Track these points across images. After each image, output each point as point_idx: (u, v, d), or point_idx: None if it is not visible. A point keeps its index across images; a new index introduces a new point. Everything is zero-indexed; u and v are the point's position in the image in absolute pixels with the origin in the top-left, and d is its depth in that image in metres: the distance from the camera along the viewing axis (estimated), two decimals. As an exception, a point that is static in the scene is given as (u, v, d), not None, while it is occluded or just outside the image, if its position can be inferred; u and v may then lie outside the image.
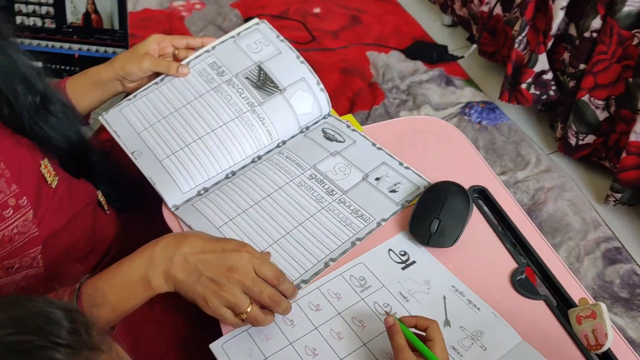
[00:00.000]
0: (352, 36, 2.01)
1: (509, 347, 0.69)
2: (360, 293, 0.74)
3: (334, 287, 0.74)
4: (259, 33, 0.96)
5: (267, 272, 0.67)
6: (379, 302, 0.73)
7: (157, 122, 0.87)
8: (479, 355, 0.68)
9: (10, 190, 0.71)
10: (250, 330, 0.70)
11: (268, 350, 0.68)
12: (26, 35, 1.39)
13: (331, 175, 0.87)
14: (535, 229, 0.84)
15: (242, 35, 0.96)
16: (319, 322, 0.71)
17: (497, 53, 1.74)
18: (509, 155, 1.57)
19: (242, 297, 0.66)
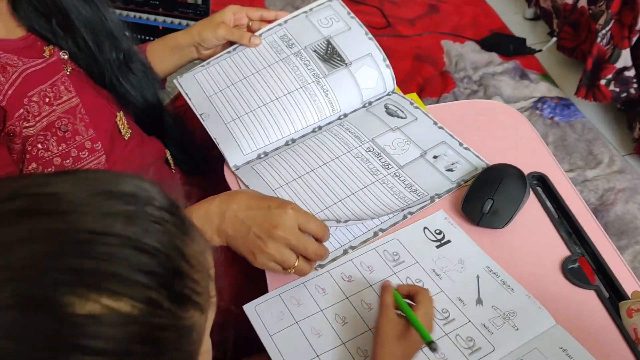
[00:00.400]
0: (429, 24, 2.00)
1: (542, 330, 0.68)
2: (392, 267, 0.74)
3: (367, 260, 0.75)
4: (331, 9, 0.98)
5: (313, 227, 0.70)
6: (411, 278, 0.73)
7: (226, 87, 0.91)
8: (510, 334, 0.67)
9: (87, 134, 0.77)
10: (282, 295, 0.72)
11: (299, 315, 0.70)
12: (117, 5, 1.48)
13: (389, 150, 0.88)
14: (594, 220, 0.81)
15: (315, 10, 0.98)
16: (351, 292, 0.72)
17: (577, 49, 1.67)
18: (579, 153, 1.52)
19: (287, 253, 0.68)
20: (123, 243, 0.34)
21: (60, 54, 0.78)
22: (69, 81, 0.78)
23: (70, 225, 0.34)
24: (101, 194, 0.36)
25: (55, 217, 0.34)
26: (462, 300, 0.71)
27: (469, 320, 0.69)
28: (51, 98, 0.74)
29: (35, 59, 0.74)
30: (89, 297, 0.32)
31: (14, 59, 0.72)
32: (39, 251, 0.33)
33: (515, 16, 2.02)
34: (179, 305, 0.36)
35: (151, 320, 0.34)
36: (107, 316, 0.32)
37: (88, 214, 0.35)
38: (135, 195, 0.37)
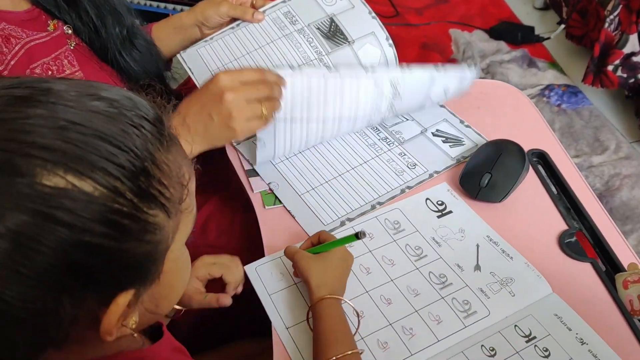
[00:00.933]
0: (437, 14, 2.00)
1: (539, 297, 0.68)
2: (393, 235, 0.76)
3: (368, 227, 0.76)
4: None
5: (248, 76, 0.72)
6: (411, 245, 0.74)
7: (229, 62, 0.92)
8: (506, 300, 0.68)
9: None
10: (282, 257, 0.73)
11: None
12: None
13: (390, 127, 0.89)
14: (593, 196, 0.81)
15: None
16: None
17: (585, 36, 1.67)
18: (585, 139, 1.51)
19: (250, 106, 0.71)
20: (98, 135, 0.38)
21: (64, 28, 0.79)
22: (73, 55, 0.79)
23: (53, 112, 0.38)
24: (89, 95, 0.40)
25: (43, 106, 0.38)
26: (461, 266, 0.72)
27: (466, 284, 0.70)
28: (54, 71, 0.75)
29: (39, 32, 0.75)
30: (56, 172, 0.36)
31: (18, 31, 0.73)
32: (21, 129, 0.36)
33: (524, 6, 2.01)
34: (141, 200, 0.39)
35: (111, 205, 0.37)
36: (70, 191, 0.36)
37: (72, 107, 0.38)
38: (120, 102, 0.40)
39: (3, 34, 0.71)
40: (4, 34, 0.71)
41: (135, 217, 0.38)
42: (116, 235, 0.37)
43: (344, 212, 0.79)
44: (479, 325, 0.66)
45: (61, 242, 0.35)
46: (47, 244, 0.35)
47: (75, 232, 0.36)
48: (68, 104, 0.38)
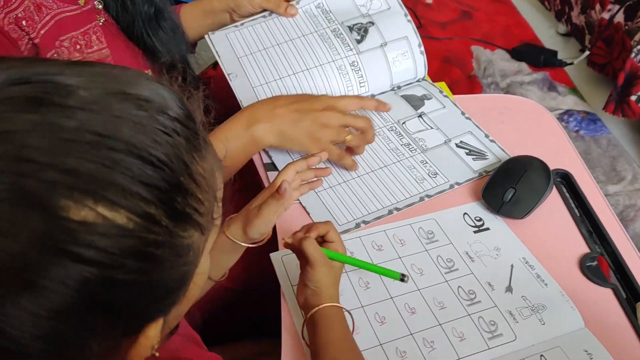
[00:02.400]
0: (460, 30, 1.99)
1: (570, 330, 0.66)
2: (425, 244, 0.74)
3: (401, 233, 0.75)
4: None
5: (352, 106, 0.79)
6: (442, 257, 0.72)
7: (257, 51, 0.91)
8: (536, 327, 0.66)
9: None
10: None
11: None
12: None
13: (413, 134, 0.87)
14: (616, 220, 0.80)
15: None
16: (378, 260, 0.72)
17: (607, 65, 1.65)
18: (602, 168, 1.49)
19: (341, 127, 0.76)
20: (128, 150, 0.32)
21: (94, 3, 0.78)
22: (101, 31, 0.78)
23: (77, 123, 0.31)
24: (115, 95, 0.34)
25: (63, 112, 0.32)
26: (492, 285, 0.70)
27: (495, 304, 0.68)
28: (82, 46, 0.74)
29: (70, 4, 0.75)
30: (85, 203, 0.30)
31: (49, 2, 0.72)
32: (40, 145, 0.30)
33: (548, 30, 2.00)
34: (177, 223, 0.34)
35: (147, 236, 0.32)
36: (101, 225, 0.31)
37: (98, 114, 0.32)
38: (150, 101, 0.35)
39: (36, 2, 0.70)
40: (36, 2, 0.70)
41: (171, 243, 0.34)
42: (149, 268, 0.33)
43: (360, 215, 0.77)
44: (503, 349, 0.64)
45: (87, 281, 0.31)
46: (69, 284, 0.30)
47: (104, 271, 0.31)
48: (92, 107, 0.32)
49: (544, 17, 2.05)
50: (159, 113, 0.35)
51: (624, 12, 1.55)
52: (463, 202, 0.80)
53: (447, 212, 0.78)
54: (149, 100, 0.35)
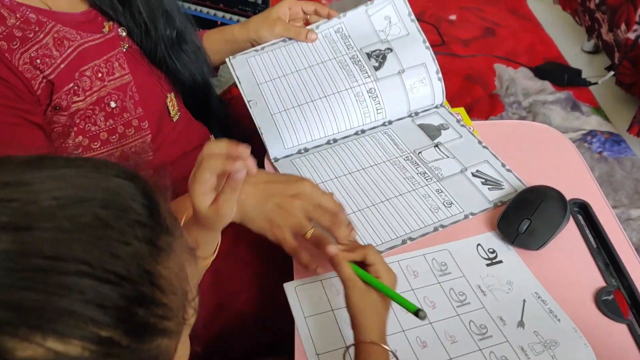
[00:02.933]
0: (483, 47, 1.98)
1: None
2: (438, 277, 0.74)
3: (414, 264, 0.75)
4: (392, 6, 0.96)
5: (326, 202, 0.71)
6: (455, 290, 0.73)
7: (277, 77, 0.92)
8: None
9: (136, 112, 0.79)
10: (324, 281, 0.73)
11: (336, 304, 0.71)
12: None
13: (429, 163, 0.88)
14: (635, 254, 0.79)
15: (376, 4, 0.96)
16: None
17: (635, 85, 1.63)
18: (625, 190, 1.47)
19: (304, 219, 0.70)
20: (82, 272, 0.30)
21: (119, 30, 0.80)
22: (124, 58, 0.80)
23: (26, 247, 0.29)
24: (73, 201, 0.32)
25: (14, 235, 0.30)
26: (504, 319, 0.70)
27: (506, 339, 0.68)
28: (104, 74, 0.76)
29: (94, 34, 0.76)
30: (31, 340, 0.28)
31: (73, 33, 0.73)
32: None
33: (573, 47, 1.99)
34: (141, 338, 0.32)
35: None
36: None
37: (49, 231, 0.30)
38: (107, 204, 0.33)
39: (57, 37, 0.71)
40: (59, 36, 0.71)
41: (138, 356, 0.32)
42: None
43: (374, 244, 0.78)
44: None
45: None
46: None
47: None
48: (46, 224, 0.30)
49: (570, 34, 2.03)
50: (117, 218, 0.33)
51: (649, 32, 1.53)
52: (477, 231, 0.80)
53: (461, 243, 0.78)
54: (107, 204, 0.33)
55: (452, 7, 2.15)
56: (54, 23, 0.71)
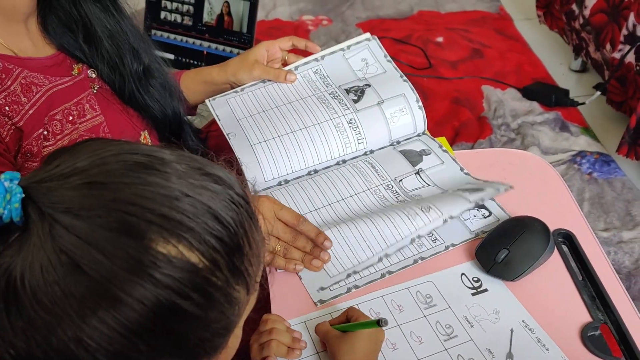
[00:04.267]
0: (471, 69, 1.98)
1: None
2: (423, 310, 0.73)
3: (398, 299, 0.74)
4: (368, 50, 0.98)
5: (286, 216, 0.75)
6: (441, 323, 0.71)
7: (257, 113, 0.92)
8: None
9: None
10: (307, 322, 0.71)
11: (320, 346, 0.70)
12: (166, 29, 1.52)
13: (410, 192, 0.86)
14: (621, 287, 0.77)
15: (352, 49, 0.98)
16: None
17: (624, 103, 1.63)
18: (617, 212, 1.46)
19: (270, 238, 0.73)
20: (205, 210, 0.41)
21: (88, 72, 0.79)
22: (95, 99, 0.78)
23: (169, 182, 0.41)
24: (198, 170, 0.43)
25: (160, 175, 0.41)
26: (492, 352, 0.68)
27: None
28: (75, 116, 0.75)
29: (63, 77, 0.75)
30: (170, 241, 0.39)
31: (41, 78, 0.72)
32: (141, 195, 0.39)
33: (560, 67, 1.99)
34: (233, 276, 0.42)
35: (210, 278, 0.40)
36: (179, 261, 0.39)
37: (184, 180, 0.41)
38: (223, 179, 0.44)
39: (25, 82, 0.70)
40: (26, 82, 0.70)
41: (225, 291, 0.41)
42: (207, 305, 0.40)
43: (353, 280, 0.76)
44: None
45: (160, 305, 0.38)
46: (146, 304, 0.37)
47: (175, 297, 0.38)
48: (182, 175, 0.42)
49: (557, 54, 2.03)
50: (229, 189, 0.44)
51: (634, 52, 1.53)
52: (458, 261, 0.79)
53: (445, 274, 0.77)
54: (222, 179, 0.44)
55: (439, 29, 2.15)
56: (20, 69, 0.70)
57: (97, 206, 0.39)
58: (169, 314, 0.38)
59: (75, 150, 0.43)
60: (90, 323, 0.37)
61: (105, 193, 0.39)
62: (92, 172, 0.40)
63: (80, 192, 0.39)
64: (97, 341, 0.37)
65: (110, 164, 0.41)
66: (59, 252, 0.37)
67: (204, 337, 0.41)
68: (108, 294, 0.37)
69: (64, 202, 0.39)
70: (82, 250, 0.37)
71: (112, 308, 0.37)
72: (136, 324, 0.37)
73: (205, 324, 0.41)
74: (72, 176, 0.40)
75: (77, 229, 0.38)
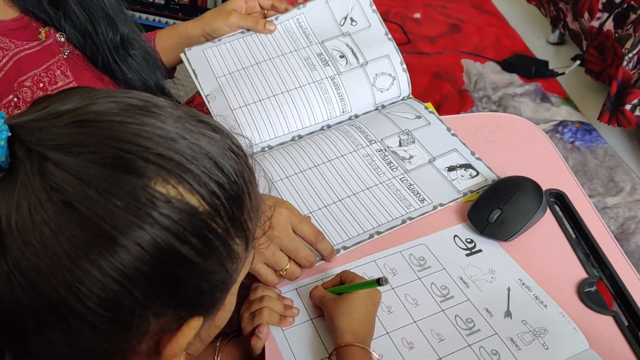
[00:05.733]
0: (449, 43, 1.97)
1: (574, 352, 0.63)
2: (417, 272, 0.71)
3: (391, 262, 0.72)
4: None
5: (305, 230, 0.66)
6: (437, 284, 0.70)
7: (236, 70, 0.87)
8: (539, 353, 0.63)
9: None
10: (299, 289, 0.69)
11: (313, 312, 0.67)
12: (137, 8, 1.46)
13: (397, 153, 0.84)
14: (615, 242, 0.76)
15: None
16: None
17: (603, 72, 1.63)
18: (600, 179, 1.46)
19: (280, 255, 0.65)
20: (205, 153, 0.38)
21: (56, 36, 0.74)
22: (66, 65, 0.74)
23: (166, 124, 0.38)
24: (194, 117, 0.41)
25: (156, 116, 0.39)
26: (490, 311, 0.67)
27: (495, 332, 0.65)
28: (45, 83, 0.71)
29: (30, 41, 0.71)
30: (169, 181, 0.36)
31: (6, 42, 0.68)
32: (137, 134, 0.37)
33: (538, 40, 1.98)
34: (233, 226, 0.39)
35: (210, 223, 0.38)
36: (179, 202, 0.36)
37: (181, 124, 0.39)
38: (221, 129, 0.42)
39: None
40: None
41: (225, 240, 0.39)
42: (206, 252, 0.38)
43: (340, 240, 0.74)
44: None
45: (158, 247, 0.35)
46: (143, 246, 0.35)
47: (174, 240, 0.36)
48: (178, 120, 0.39)
49: (534, 27, 2.03)
50: (227, 138, 0.42)
51: (612, 19, 1.53)
52: (450, 224, 0.77)
53: (437, 236, 0.75)
54: (220, 128, 0.42)
55: (417, 6, 2.13)
56: None
57: (90, 143, 0.36)
58: (167, 258, 0.36)
59: (63, 94, 0.40)
60: (81, 266, 0.34)
61: (98, 131, 0.36)
62: (83, 111, 0.37)
63: (72, 129, 0.36)
64: (89, 286, 0.34)
65: (103, 104, 0.38)
66: (49, 189, 0.34)
67: (202, 288, 0.39)
68: (102, 234, 0.34)
69: (54, 139, 0.35)
70: (74, 187, 0.34)
71: (106, 250, 0.34)
72: (131, 268, 0.35)
73: (204, 274, 0.38)
74: (61, 116, 0.37)
75: (68, 165, 0.35)
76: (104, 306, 0.35)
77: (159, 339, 0.39)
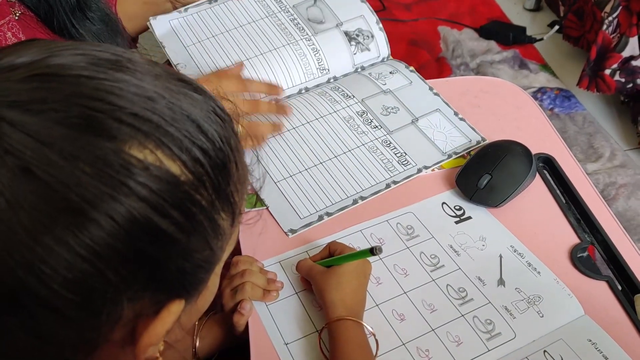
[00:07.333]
0: (425, 10, 1.92)
1: (570, 319, 0.61)
2: (406, 241, 0.68)
3: (378, 232, 0.69)
4: None
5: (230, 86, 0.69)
6: (426, 253, 0.66)
7: (206, 39, 0.82)
8: (534, 320, 0.61)
9: None
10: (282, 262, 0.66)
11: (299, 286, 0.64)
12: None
13: (378, 113, 0.80)
14: (606, 206, 0.74)
15: None
16: None
17: (581, 38, 1.60)
18: (579, 146, 1.45)
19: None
20: (186, 115, 0.34)
21: None
22: (18, 27, 0.67)
23: (142, 82, 0.33)
24: (173, 75, 0.36)
25: (130, 72, 0.33)
26: (482, 279, 0.64)
27: (488, 301, 0.62)
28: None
29: None
30: (146, 145, 0.31)
31: None
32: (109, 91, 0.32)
33: (514, 6, 1.95)
34: (218, 198, 0.35)
35: (193, 194, 0.33)
36: (157, 169, 0.31)
37: (160, 82, 0.34)
38: (203, 89, 0.37)
39: None
40: None
41: (210, 215, 0.34)
42: (189, 228, 0.33)
43: (323, 206, 0.70)
44: (504, 349, 0.58)
45: (133, 221, 0.30)
46: (117, 220, 0.30)
47: (151, 214, 0.31)
48: (156, 77, 0.34)
49: (510, -7, 1.99)
50: (210, 100, 0.37)
51: (592, -17, 1.50)
52: (437, 191, 0.74)
53: (425, 203, 0.72)
54: (202, 89, 0.37)
55: (392, -28, 2.07)
56: None
57: (53, 100, 0.30)
58: (144, 234, 0.31)
59: (18, 46, 0.34)
60: (43, 243, 0.29)
61: (62, 86, 0.31)
62: (43, 64, 0.32)
63: (30, 84, 0.31)
64: (53, 267, 0.29)
65: (66, 57, 0.32)
66: (3, 153, 0.29)
67: (184, 268, 0.34)
68: (68, 206, 0.29)
69: (8, 95, 0.30)
70: (33, 150, 0.29)
71: (72, 224, 0.29)
72: (103, 245, 0.29)
73: (186, 252, 0.33)
74: (16, 69, 0.31)
75: (26, 125, 0.29)
76: (71, 289, 0.29)
77: (135, 326, 0.34)
